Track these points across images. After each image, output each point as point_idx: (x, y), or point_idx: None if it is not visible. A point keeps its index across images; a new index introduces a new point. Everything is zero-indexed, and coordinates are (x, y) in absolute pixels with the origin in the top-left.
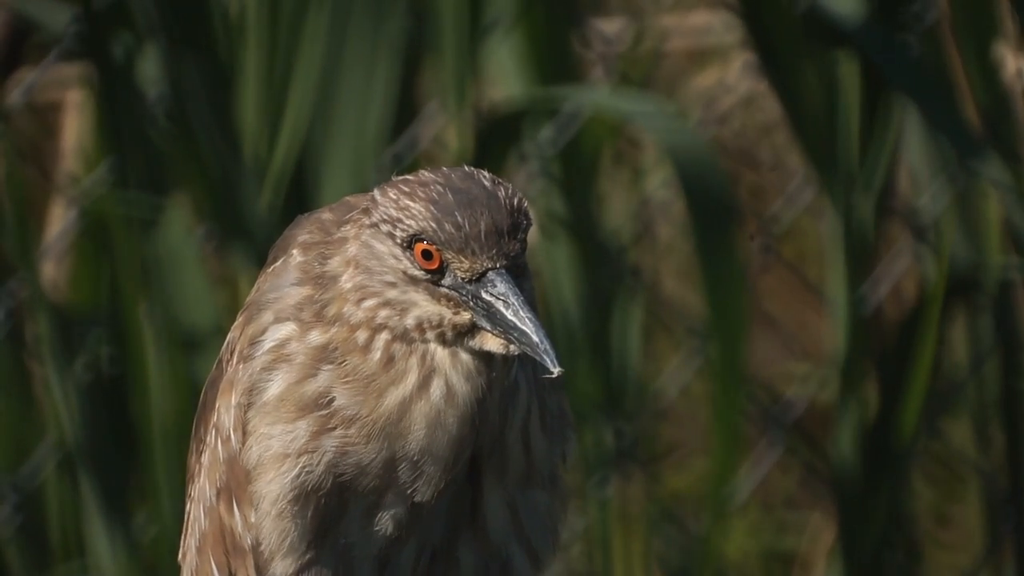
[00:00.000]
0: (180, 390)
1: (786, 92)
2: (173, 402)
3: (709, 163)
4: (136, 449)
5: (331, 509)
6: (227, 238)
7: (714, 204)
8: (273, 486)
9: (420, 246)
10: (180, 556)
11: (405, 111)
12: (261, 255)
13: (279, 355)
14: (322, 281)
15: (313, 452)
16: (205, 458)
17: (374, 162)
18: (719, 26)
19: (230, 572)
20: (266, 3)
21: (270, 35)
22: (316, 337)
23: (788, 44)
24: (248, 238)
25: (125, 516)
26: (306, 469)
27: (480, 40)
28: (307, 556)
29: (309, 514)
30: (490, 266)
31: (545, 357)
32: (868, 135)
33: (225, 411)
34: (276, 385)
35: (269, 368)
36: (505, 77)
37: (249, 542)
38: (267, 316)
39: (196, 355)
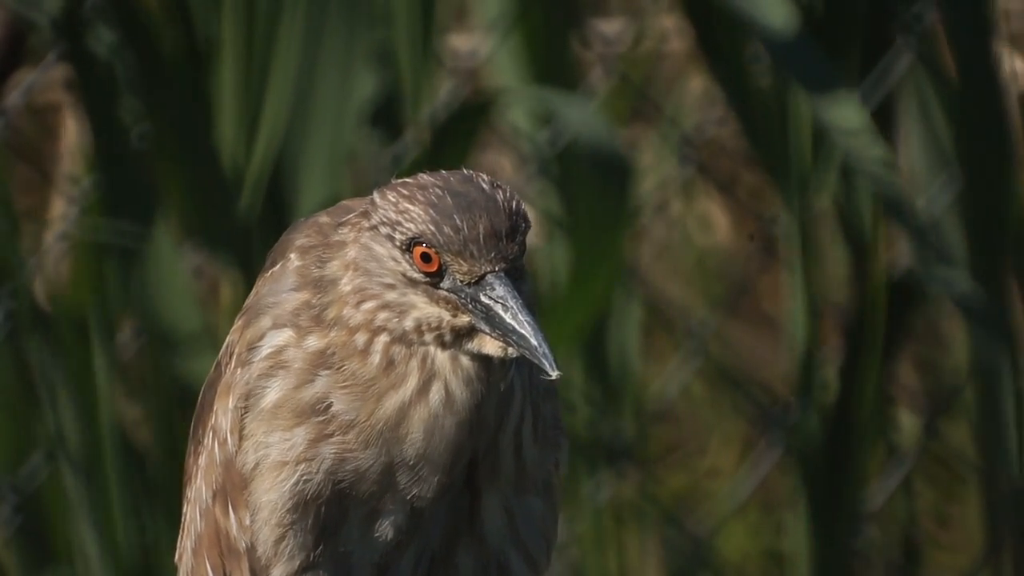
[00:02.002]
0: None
1: (736, 98)
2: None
3: (618, 157)
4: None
5: (330, 516)
6: (208, 244)
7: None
8: (271, 494)
9: (419, 249)
10: (176, 557)
11: (404, 112)
12: (241, 260)
13: (276, 361)
14: (321, 285)
15: (311, 460)
16: (202, 460)
17: (372, 164)
18: (686, 29)
19: (225, 574)
20: (241, 10)
21: (245, 42)
22: (313, 342)
23: (736, 50)
24: (227, 243)
25: (115, 521)
26: (304, 477)
27: (432, 38)
28: (306, 563)
29: (308, 522)
30: (489, 269)
31: (544, 361)
32: (821, 136)
33: (223, 414)
34: (273, 392)
35: (266, 375)
36: (504, 79)
37: (244, 545)
38: (265, 321)
39: (182, 361)
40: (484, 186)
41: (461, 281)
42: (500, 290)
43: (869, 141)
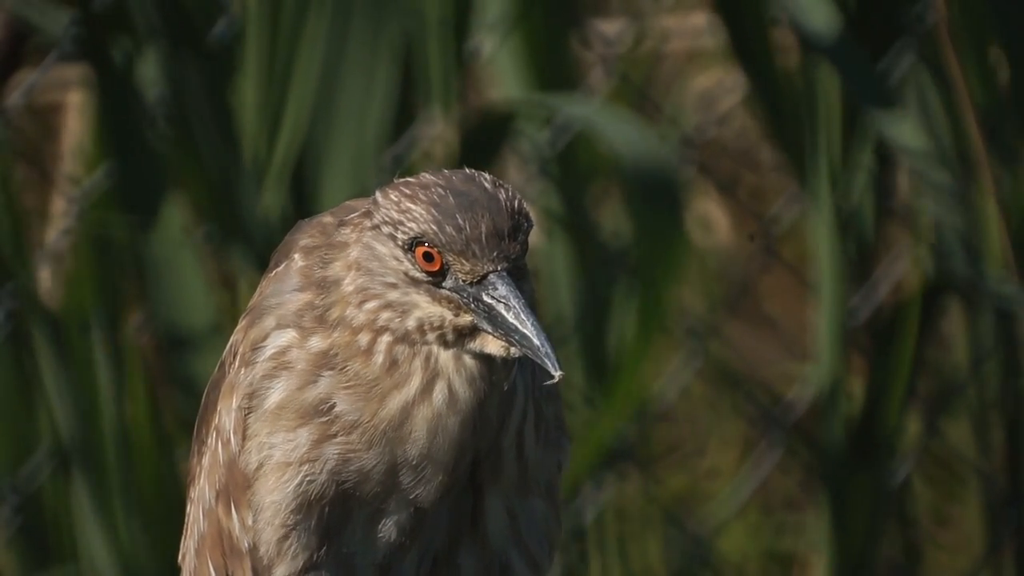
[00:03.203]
0: (161, 394)
1: (766, 96)
2: (148, 409)
3: (670, 184)
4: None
5: (334, 517)
6: (226, 239)
7: (668, 232)
8: (275, 495)
9: (421, 248)
10: (179, 558)
11: (405, 112)
12: (260, 256)
13: (280, 362)
14: (324, 285)
15: (315, 460)
16: (205, 460)
17: (373, 163)
18: (719, 27)
19: (227, 574)
20: (267, 4)
21: (270, 36)
22: (317, 342)
23: (766, 50)
24: (247, 239)
25: (118, 519)
26: (308, 478)
27: (465, 42)
28: (309, 564)
29: (312, 523)
30: (491, 269)
31: (546, 360)
32: (851, 137)
33: (226, 414)
34: (277, 393)
35: (270, 375)
36: (504, 79)
37: (247, 545)
38: (269, 321)
39: (193, 356)
40: (486, 185)
41: (463, 280)
42: (502, 289)
43: (932, 162)
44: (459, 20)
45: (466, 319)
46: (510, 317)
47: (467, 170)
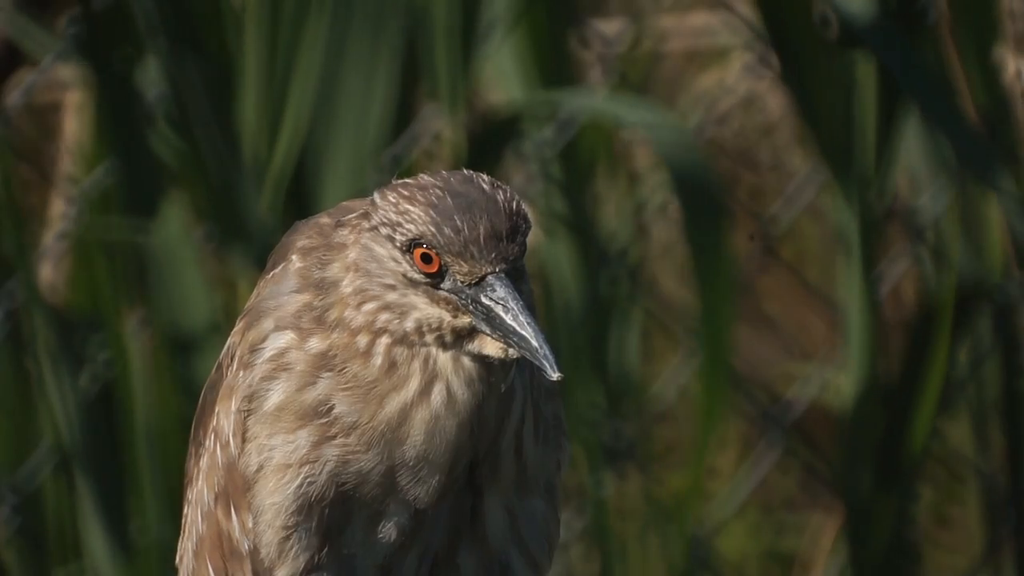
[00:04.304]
0: (169, 393)
1: (802, 91)
2: (160, 406)
3: (703, 166)
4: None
5: (334, 518)
6: (226, 239)
7: (707, 207)
8: (275, 497)
9: (419, 250)
10: (177, 560)
11: (404, 112)
12: (260, 257)
13: (279, 364)
14: (322, 286)
15: (315, 462)
16: (204, 462)
17: (374, 164)
18: (719, 27)
19: None
20: (267, 4)
21: (271, 36)
22: (315, 344)
23: (805, 43)
24: (247, 239)
25: (122, 518)
26: (308, 480)
27: (472, 43)
28: (310, 565)
29: (313, 524)
30: (489, 270)
31: (544, 362)
32: (884, 136)
33: (224, 416)
34: (276, 395)
35: (269, 377)
36: (504, 79)
37: (247, 547)
38: (267, 323)
39: (194, 356)
40: (484, 187)
41: (461, 282)
42: (500, 291)
43: (971, 132)
44: (467, 22)
45: (464, 321)
46: (508, 319)
47: (465, 171)
